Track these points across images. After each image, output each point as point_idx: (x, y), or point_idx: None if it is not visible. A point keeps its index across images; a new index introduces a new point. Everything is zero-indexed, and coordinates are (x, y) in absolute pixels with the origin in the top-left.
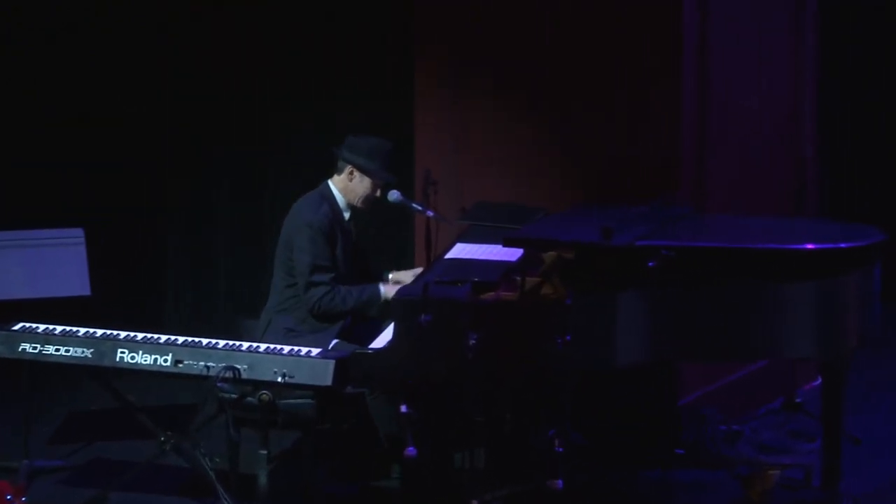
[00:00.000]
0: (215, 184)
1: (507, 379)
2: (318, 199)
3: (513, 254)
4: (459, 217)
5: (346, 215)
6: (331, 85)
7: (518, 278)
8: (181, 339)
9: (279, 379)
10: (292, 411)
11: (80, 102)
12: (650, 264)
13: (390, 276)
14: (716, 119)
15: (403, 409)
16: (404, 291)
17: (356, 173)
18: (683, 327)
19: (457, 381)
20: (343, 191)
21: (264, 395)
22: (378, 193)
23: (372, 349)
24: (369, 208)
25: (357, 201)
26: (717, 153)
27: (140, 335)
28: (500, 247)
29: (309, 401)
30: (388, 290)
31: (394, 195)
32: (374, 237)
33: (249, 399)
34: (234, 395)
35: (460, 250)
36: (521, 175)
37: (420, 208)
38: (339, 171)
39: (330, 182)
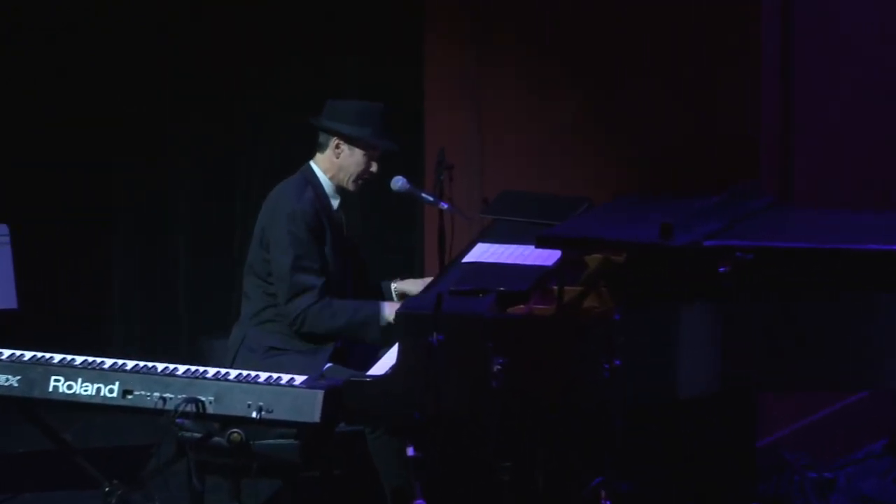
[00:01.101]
0: (173, 175)
1: (540, 415)
2: (301, 184)
3: (548, 256)
4: (481, 210)
5: (335, 203)
6: (320, 49)
7: (554, 287)
8: (131, 364)
9: (254, 414)
10: (270, 455)
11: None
12: (721, 269)
13: (394, 285)
14: (804, 88)
15: (410, 451)
16: (412, 304)
17: (343, 146)
18: (763, 349)
19: (477, 417)
20: (329, 171)
21: (235, 435)
22: (375, 168)
23: (370, 376)
24: (360, 188)
25: (348, 181)
26: (806, 131)
27: (79, 359)
28: (531, 247)
29: (291, 441)
30: (389, 311)
31: (398, 182)
32: (375, 235)
33: (217, 439)
34: (197, 435)
35: (482, 252)
36: (557, 158)
37: (431, 199)
38: (322, 148)
39: (312, 163)
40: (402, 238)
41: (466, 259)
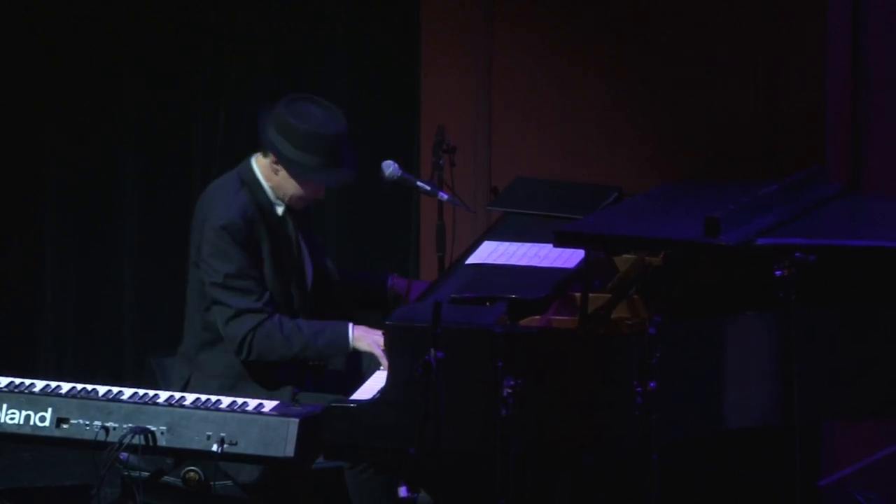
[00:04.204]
0: (116, 164)
1: (561, 449)
2: (234, 187)
3: (569, 257)
4: (489, 202)
5: (280, 209)
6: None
7: (577, 295)
8: (66, 388)
9: (214, 447)
10: (234, 496)
11: None
12: (778, 273)
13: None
14: (878, 60)
15: (403, 492)
16: (405, 314)
17: (281, 167)
18: (829, 370)
19: (483, 452)
20: (268, 179)
21: (192, 473)
22: (321, 195)
23: (355, 401)
24: (306, 206)
25: (285, 199)
26: (880, 109)
27: (4, 381)
28: (549, 246)
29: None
30: (360, 334)
31: (389, 168)
32: (357, 234)
33: (169, 478)
34: (145, 473)
35: (490, 252)
36: (582, 139)
37: (428, 188)
38: (265, 152)
39: (253, 161)
40: (392, 237)
41: (471, 260)
